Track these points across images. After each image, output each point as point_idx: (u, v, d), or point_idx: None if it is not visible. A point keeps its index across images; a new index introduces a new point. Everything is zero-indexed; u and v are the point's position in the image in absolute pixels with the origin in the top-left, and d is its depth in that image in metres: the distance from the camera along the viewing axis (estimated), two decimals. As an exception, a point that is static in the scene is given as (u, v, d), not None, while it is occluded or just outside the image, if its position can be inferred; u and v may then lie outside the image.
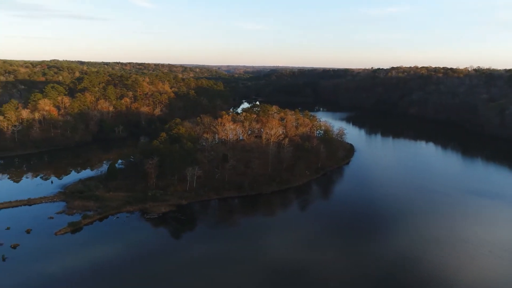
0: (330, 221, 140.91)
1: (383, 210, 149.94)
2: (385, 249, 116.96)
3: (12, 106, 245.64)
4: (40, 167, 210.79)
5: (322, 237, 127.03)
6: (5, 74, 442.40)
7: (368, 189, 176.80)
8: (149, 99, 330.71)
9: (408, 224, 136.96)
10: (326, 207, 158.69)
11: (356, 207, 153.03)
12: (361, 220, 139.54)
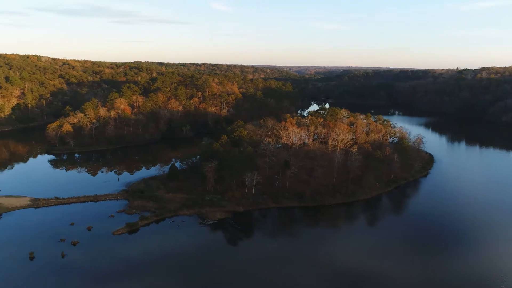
0: (402, 240, 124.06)
1: (464, 232, 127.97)
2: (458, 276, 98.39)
3: (92, 105, 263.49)
4: (113, 162, 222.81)
5: (390, 256, 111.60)
6: (93, 74, 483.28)
7: (448, 206, 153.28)
8: (217, 99, 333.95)
9: (490, 250, 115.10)
10: (398, 224, 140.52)
11: (433, 227, 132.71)
12: (438, 243, 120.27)
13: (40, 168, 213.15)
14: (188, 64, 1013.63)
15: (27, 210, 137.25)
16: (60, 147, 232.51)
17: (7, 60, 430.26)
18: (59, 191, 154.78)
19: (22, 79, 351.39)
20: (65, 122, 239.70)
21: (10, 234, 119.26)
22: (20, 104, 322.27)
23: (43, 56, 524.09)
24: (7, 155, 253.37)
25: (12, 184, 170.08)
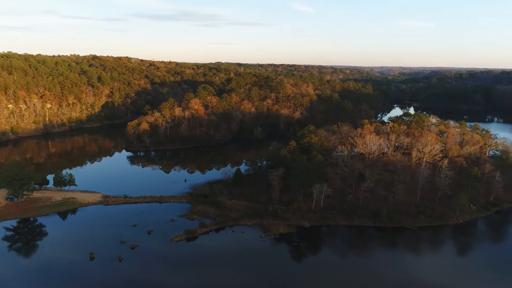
0: (505, 274, 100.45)
1: None
2: None
3: (169, 104, 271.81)
4: (186, 161, 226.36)
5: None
6: (175, 75, 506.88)
7: None
8: (290, 101, 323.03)
9: None
10: (499, 256, 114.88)
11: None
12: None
13: (118, 164, 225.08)
14: (266, 64, 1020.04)
15: (98, 206, 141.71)
16: (137, 144, 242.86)
17: (102, 61, 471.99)
18: (130, 189, 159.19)
19: (112, 79, 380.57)
20: (143, 121, 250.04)
21: (77, 230, 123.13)
22: (108, 102, 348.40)
23: (133, 58, 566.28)
24: (96, 149, 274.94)
25: (90, 178, 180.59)
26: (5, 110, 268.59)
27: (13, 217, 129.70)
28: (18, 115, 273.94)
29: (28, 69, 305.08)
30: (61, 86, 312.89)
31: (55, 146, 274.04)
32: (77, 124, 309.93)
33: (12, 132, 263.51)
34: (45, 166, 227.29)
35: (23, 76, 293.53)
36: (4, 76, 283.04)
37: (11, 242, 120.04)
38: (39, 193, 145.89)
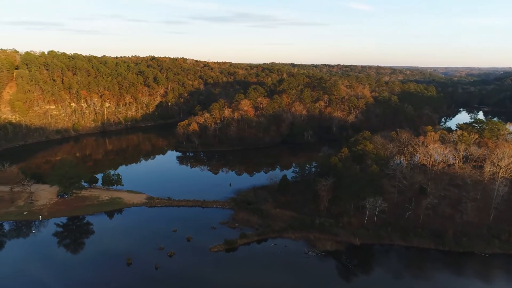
0: None
1: None
2: None
3: (219, 105, 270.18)
4: (234, 163, 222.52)
5: None
6: (227, 75, 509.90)
7: None
8: (344, 103, 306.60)
9: None
10: None
11: None
12: None
13: (167, 163, 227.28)
14: (321, 65, 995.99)
15: (141, 208, 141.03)
16: (187, 145, 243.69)
17: (160, 62, 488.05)
18: (175, 190, 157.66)
19: (167, 79, 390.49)
20: (192, 121, 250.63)
21: (120, 232, 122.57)
22: (162, 102, 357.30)
23: (188, 59, 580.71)
24: (149, 147, 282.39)
25: (138, 178, 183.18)
26: (68, 108, 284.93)
27: (62, 214, 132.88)
28: (79, 113, 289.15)
29: (90, 70, 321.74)
30: (119, 86, 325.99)
31: (111, 143, 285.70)
32: (132, 123, 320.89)
33: (73, 130, 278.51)
34: (102, 163, 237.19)
35: (86, 76, 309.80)
36: (69, 76, 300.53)
37: (60, 238, 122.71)
38: (88, 192, 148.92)
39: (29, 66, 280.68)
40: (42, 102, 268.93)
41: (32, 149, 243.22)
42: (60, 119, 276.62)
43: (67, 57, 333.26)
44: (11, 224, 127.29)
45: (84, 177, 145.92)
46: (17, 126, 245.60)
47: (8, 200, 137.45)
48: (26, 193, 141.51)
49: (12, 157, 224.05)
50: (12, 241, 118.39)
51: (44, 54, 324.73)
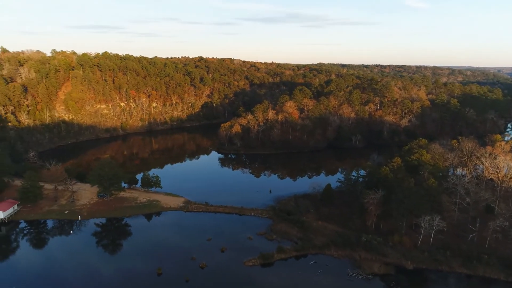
0: None
1: None
2: None
3: (263, 107, 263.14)
4: (276, 167, 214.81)
5: None
6: (274, 76, 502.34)
7: None
8: (397, 106, 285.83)
9: None
10: None
11: None
12: None
13: (209, 164, 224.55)
14: (372, 65, 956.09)
15: (178, 212, 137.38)
16: (229, 147, 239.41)
17: (207, 63, 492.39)
18: (213, 195, 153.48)
19: (213, 80, 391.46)
20: (235, 123, 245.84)
21: (154, 236, 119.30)
22: (207, 102, 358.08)
23: (235, 59, 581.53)
24: (194, 147, 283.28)
25: (177, 180, 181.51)
26: (117, 107, 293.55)
27: (101, 215, 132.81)
28: (127, 113, 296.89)
29: (140, 70, 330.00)
30: (167, 86, 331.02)
31: (157, 142, 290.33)
32: (178, 123, 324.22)
33: (121, 128, 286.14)
34: (148, 161, 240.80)
35: (135, 77, 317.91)
36: (120, 77, 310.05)
37: (99, 239, 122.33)
38: (127, 193, 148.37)
39: (84, 67, 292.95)
40: (94, 102, 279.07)
41: (82, 146, 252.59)
42: (109, 118, 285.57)
43: (119, 58, 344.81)
44: (54, 222, 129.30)
45: (123, 178, 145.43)
46: (69, 124, 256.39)
47: (52, 198, 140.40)
48: (69, 192, 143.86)
49: (64, 154, 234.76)
50: (54, 239, 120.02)
51: (98, 55, 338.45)
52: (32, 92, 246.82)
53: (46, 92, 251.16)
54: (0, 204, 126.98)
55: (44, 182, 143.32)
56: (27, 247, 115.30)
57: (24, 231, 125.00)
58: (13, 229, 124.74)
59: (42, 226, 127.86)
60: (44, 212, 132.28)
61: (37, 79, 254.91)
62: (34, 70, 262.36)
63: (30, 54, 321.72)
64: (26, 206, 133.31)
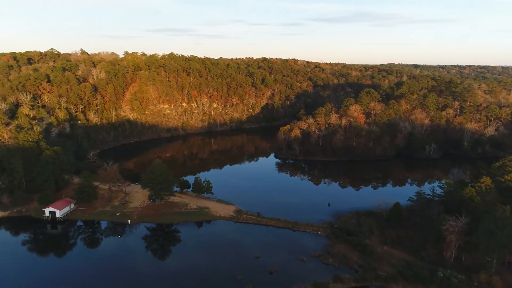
0: None
1: None
2: None
3: (325, 110, 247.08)
4: (337, 176, 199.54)
5: None
6: (339, 77, 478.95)
7: None
8: (481, 112, 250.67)
9: None
10: None
11: None
12: None
13: (265, 168, 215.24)
14: (449, 66, 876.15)
15: (227, 222, 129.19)
16: (287, 152, 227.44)
17: (270, 63, 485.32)
18: (266, 203, 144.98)
19: (275, 81, 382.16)
20: (295, 127, 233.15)
21: (199, 248, 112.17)
22: (268, 104, 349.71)
23: (299, 60, 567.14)
24: (253, 149, 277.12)
25: (231, 183, 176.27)
26: (179, 108, 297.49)
27: (150, 220, 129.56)
28: (189, 113, 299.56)
29: (203, 71, 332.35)
30: (228, 87, 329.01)
31: (217, 143, 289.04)
32: (237, 124, 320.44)
33: (182, 129, 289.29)
34: (208, 161, 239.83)
35: (198, 77, 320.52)
36: (183, 77, 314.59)
37: (149, 243, 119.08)
38: (178, 197, 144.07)
39: (150, 68, 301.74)
40: (157, 102, 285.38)
41: (144, 145, 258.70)
42: (171, 118, 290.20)
43: (184, 59, 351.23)
44: (106, 224, 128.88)
45: (175, 183, 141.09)
46: (133, 123, 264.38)
47: (106, 198, 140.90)
48: (122, 193, 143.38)
49: (127, 152, 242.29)
50: (105, 240, 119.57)
51: (165, 56, 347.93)
52: (101, 92, 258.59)
53: (113, 92, 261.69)
54: (57, 203, 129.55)
55: (100, 182, 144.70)
56: (80, 247, 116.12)
57: (78, 230, 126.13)
58: (68, 228, 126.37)
59: (96, 226, 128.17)
60: (97, 212, 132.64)
61: (106, 79, 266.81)
62: (105, 70, 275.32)
63: (104, 56, 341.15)
64: (81, 205, 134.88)
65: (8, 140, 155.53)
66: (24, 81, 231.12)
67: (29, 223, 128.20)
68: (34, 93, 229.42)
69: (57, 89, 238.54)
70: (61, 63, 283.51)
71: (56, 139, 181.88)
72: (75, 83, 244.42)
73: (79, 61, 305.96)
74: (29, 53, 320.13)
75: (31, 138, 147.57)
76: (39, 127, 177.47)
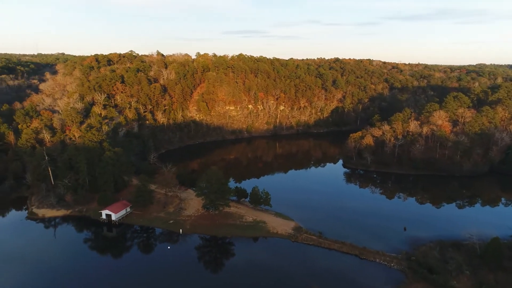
0: None
1: None
2: None
3: (403, 116, 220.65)
4: (415, 191, 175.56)
5: None
6: (420, 79, 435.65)
7: None
8: None
9: None
10: None
11: None
12: None
13: (332, 177, 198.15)
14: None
15: (284, 241, 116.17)
16: (357, 161, 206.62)
17: (343, 64, 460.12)
18: (330, 220, 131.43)
19: (347, 83, 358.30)
20: (367, 134, 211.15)
21: (250, 268, 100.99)
22: (338, 107, 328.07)
23: (375, 60, 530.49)
24: (320, 155, 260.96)
25: (294, 191, 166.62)
26: (245, 109, 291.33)
27: (202, 231, 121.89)
28: (254, 115, 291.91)
29: (271, 72, 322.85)
30: (296, 89, 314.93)
31: (281, 147, 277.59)
32: (304, 128, 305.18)
33: (246, 131, 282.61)
34: (271, 165, 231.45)
35: (265, 79, 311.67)
36: (250, 79, 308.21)
37: (201, 254, 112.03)
38: (234, 207, 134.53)
39: (218, 69, 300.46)
40: (223, 103, 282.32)
41: (209, 147, 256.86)
42: (236, 120, 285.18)
43: (253, 60, 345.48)
44: (159, 231, 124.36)
45: (230, 192, 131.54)
46: (199, 124, 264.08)
47: (162, 203, 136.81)
48: (178, 199, 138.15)
49: (191, 153, 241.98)
50: (157, 248, 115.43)
51: (234, 57, 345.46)
52: (170, 92, 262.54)
53: (181, 92, 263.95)
54: (114, 205, 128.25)
55: (157, 185, 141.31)
56: (133, 252, 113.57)
57: (132, 235, 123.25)
58: (122, 232, 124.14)
59: (150, 232, 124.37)
60: (152, 218, 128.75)
61: (175, 80, 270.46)
62: (175, 71, 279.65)
63: (176, 57, 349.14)
64: (137, 209, 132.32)
65: (78, 139, 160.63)
66: (101, 81, 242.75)
67: (88, 223, 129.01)
68: (109, 93, 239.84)
69: (129, 89, 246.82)
70: (136, 64, 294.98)
71: (123, 139, 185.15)
72: (146, 83, 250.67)
73: (152, 62, 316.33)
74: (110, 55, 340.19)
75: (95, 138, 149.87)
76: (107, 126, 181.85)
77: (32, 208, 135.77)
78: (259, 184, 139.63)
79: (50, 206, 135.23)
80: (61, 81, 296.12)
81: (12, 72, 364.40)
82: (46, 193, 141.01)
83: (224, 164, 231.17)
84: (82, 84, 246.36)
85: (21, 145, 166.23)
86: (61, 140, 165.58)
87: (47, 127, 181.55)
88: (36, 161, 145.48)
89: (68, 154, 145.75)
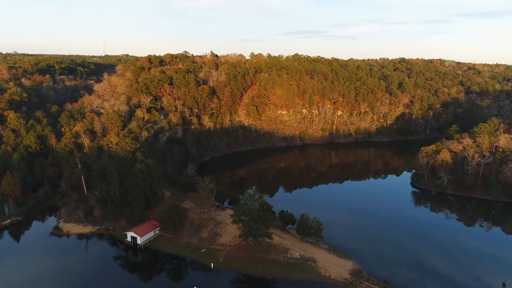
0: None
1: None
2: None
3: (489, 127, 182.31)
4: (503, 217, 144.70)
5: None
6: (503, 82, 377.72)
7: None
8: None
9: None
10: None
11: None
12: None
13: (398, 197, 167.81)
14: None
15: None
16: (429, 180, 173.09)
17: (409, 65, 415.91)
18: (398, 262, 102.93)
19: (415, 86, 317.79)
20: (443, 148, 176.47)
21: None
22: (405, 113, 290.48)
23: (447, 60, 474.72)
24: (381, 166, 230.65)
25: (350, 213, 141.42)
26: (298, 114, 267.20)
27: (238, 266, 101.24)
28: (308, 121, 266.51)
29: (328, 74, 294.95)
30: (356, 92, 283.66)
31: (338, 156, 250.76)
32: (364, 136, 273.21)
33: (299, 138, 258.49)
34: (326, 176, 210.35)
35: (322, 81, 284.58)
36: (306, 81, 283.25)
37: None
38: (277, 237, 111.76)
39: (271, 70, 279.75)
40: (275, 107, 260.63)
41: (257, 154, 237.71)
42: (288, 125, 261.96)
43: (309, 60, 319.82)
44: (189, 261, 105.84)
45: (274, 222, 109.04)
46: (247, 129, 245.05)
47: (196, 226, 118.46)
48: (213, 221, 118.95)
49: (238, 161, 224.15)
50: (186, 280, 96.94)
51: (288, 57, 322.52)
52: (218, 95, 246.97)
53: (230, 95, 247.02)
54: (141, 227, 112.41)
55: (191, 204, 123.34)
56: (156, 285, 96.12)
57: (158, 263, 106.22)
58: (148, 258, 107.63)
59: (179, 261, 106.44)
60: (182, 244, 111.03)
61: (225, 81, 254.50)
62: (225, 72, 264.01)
63: (228, 57, 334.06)
64: (167, 231, 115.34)
65: (114, 146, 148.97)
66: (149, 83, 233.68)
67: (112, 244, 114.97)
68: (156, 95, 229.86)
69: (176, 92, 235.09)
70: (186, 65, 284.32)
71: (163, 145, 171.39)
72: (194, 85, 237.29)
73: (204, 63, 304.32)
74: (163, 56, 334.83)
75: (128, 147, 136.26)
76: (148, 132, 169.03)
77: (60, 221, 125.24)
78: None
79: (78, 220, 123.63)
80: (114, 82, 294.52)
81: (72, 73, 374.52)
82: (76, 205, 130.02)
83: (273, 173, 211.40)
84: (130, 85, 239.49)
85: (60, 150, 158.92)
86: (98, 146, 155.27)
87: (89, 131, 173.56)
88: (70, 168, 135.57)
89: (102, 162, 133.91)
